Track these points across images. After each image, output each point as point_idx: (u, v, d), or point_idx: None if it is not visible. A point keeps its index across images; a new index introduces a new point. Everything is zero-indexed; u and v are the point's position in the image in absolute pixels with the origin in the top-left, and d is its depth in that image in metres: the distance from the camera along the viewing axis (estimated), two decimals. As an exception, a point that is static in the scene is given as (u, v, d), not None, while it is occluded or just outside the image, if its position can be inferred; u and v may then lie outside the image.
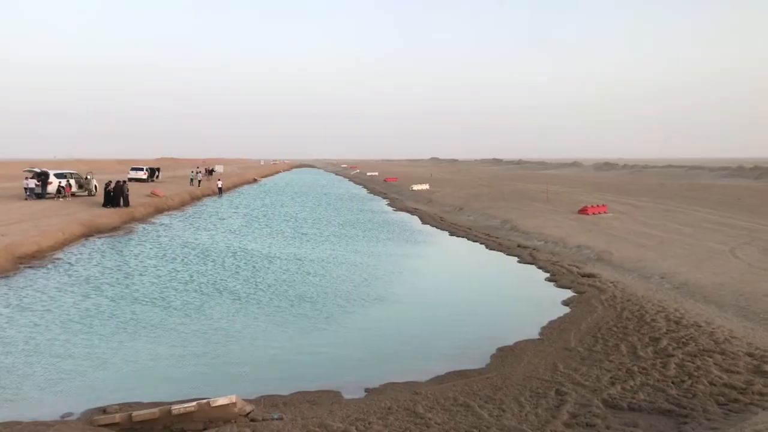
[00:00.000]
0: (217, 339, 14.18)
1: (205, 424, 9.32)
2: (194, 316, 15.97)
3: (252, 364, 12.68)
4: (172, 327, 15.05)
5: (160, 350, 13.34)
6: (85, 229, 30.16)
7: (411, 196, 61.42)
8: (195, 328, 14.94)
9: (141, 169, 69.13)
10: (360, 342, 14.25)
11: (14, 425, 9.24)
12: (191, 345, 13.72)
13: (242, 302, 17.60)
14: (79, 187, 45.42)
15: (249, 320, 15.77)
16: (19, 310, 16.07)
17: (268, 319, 15.93)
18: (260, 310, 16.71)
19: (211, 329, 14.90)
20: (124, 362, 12.59)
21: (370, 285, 19.97)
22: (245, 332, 14.76)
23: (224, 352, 13.34)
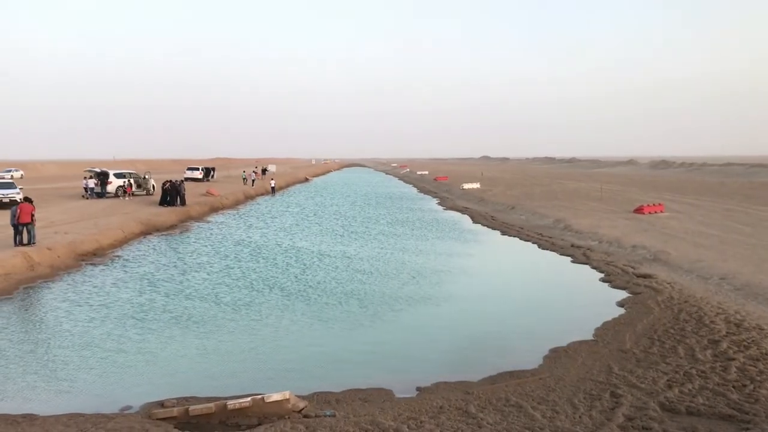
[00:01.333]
0: (269, 335, 14.43)
1: (259, 419, 9.48)
2: (247, 313, 16.29)
3: (304, 361, 12.83)
4: (225, 323, 15.39)
5: (213, 346, 13.64)
6: (143, 228, 31.11)
7: (462, 195, 61.12)
8: (247, 325, 15.23)
9: (197, 169, 70.95)
10: (411, 340, 14.26)
11: (77, 417, 9.58)
12: (244, 341, 13.99)
13: (293, 299, 17.84)
14: (137, 186, 46.82)
15: (299, 317, 15.98)
16: (78, 305, 16.71)
17: (317, 316, 16.11)
18: (310, 307, 16.91)
19: (263, 325, 15.17)
20: (179, 357, 12.92)
21: (419, 284, 19.97)
22: (296, 329, 14.97)
23: (276, 349, 13.55)
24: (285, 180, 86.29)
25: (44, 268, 20.76)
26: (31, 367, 12.12)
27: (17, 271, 19.76)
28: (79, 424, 9.19)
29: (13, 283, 18.68)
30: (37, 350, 13.11)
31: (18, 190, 33.75)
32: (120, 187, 45.06)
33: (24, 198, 24.99)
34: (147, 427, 9.10)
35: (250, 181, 69.44)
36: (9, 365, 12.16)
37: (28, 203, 22.88)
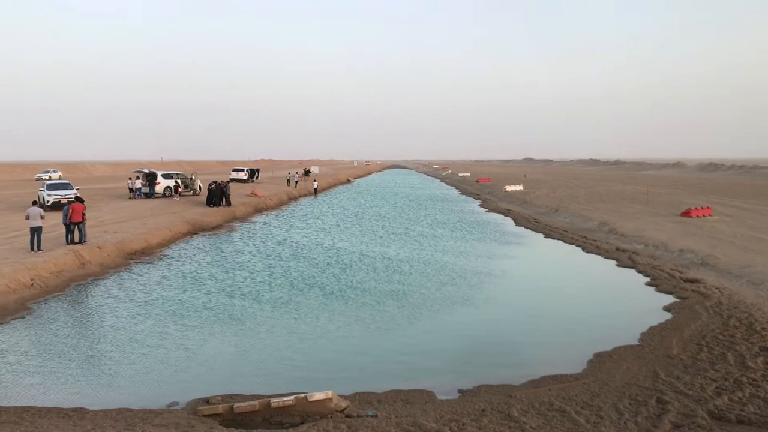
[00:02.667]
0: (310, 334, 14.58)
1: (302, 417, 9.60)
2: (287, 311, 16.51)
3: (345, 361, 12.94)
4: (266, 321, 15.64)
5: (255, 343, 13.87)
6: (190, 227, 31.77)
7: (504, 197, 60.64)
8: (288, 323, 15.44)
9: (242, 170, 72.15)
10: (451, 342, 14.22)
11: (125, 412, 9.85)
12: (285, 339, 14.18)
13: (332, 298, 18.00)
14: (184, 187, 47.82)
15: (338, 316, 16.10)
16: (125, 303, 17.18)
17: (356, 315, 16.22)
18: (349, 307, 17.03)
19: (304, 324, 15.35)
20: (223, 354, 13.17)
21: (459, 285, 19.90)
22: (336, 328, 15.10)
23: (317, 347, 13.70)
24: (327, 181, 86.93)
25: (94, 266, 21.38)
26: (81, 362, 12.50)
27: (69, 268, 20.39)
28: (128, 419, 9.44)
29: (65, 281, 19.28)
30: (87, 346, 13.51)
31: (75, 191, 34.64)
32: (168, 187, 46.14)
33: (75, 198, 25.74)
34: (193, 423, 9.30)
35: (293, 182, 70.18)
36: (61, 360, 12.58)
37: (79, 203, 23.59)
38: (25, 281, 18.04)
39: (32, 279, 18.31)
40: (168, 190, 46.20)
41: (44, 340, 13.80)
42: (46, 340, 13.85)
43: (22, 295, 17.16)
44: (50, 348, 13.29)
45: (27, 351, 13.04)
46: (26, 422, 9.12)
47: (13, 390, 10.96)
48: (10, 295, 16.96)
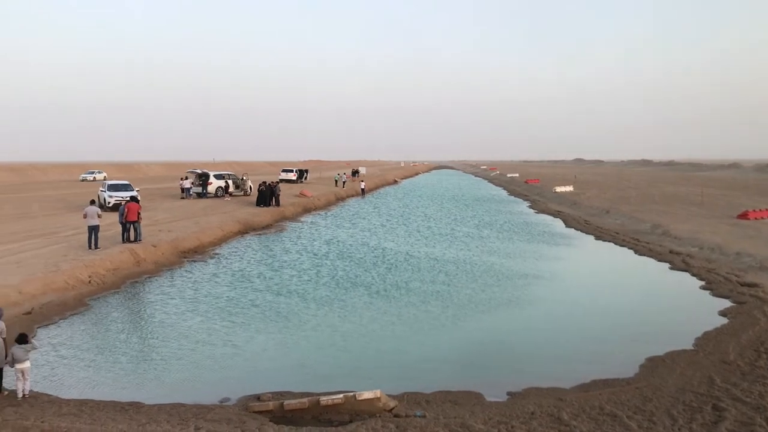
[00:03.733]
0: (356, 333, 14.70)
1: (351, 416, 9.67)
2: (334, 310, 16.67)
3: (392, 360, 13.00)
4: (314, 319, 15.85)
5: (304, 341, 14.06)
6: (241, 227, 32.37)
7: (554, 198, 59.80)
8: (335, 322, 15.59)
9: (291, 171, 73.24)
10: (499, 344, 14.13)
11: (179, 407, 10.09)
12: (332, 338, 14.33)
13: (379, 298, 18.10)
14: (235, 187, 48.70)
15: (385, 316, 16.18)
16: (177, 300, 17.63)
17: (402, 315, 16.26)
18: (395, 306, 17.08)
19: (350, 323, 15.48)
20: (272, 352, 13.39)
21: (507, 287, 19.72)
22: (382, 327, 15.18)
23: (364, 346, 13.80)
24: (374, 182, 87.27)
25: (149, 264, 21.98)
26: (136, 357, 12.88)
27: (124, 266, 21.01)
28: (181, 414, 9.67)
29: (121, 278, 19.87)
30: (141, 341, 13.92)
31: (136, 192, 35.25)
32: (219, 187, 47.08)
33: (131, 197, 26.47)
34: (244, 419, 9.48)
35: (341, 183, 70.71)
36: (116, 355, 12.98)
37: (134, 202, 24.27)
38: (83, 278, 18.67)
39: (90, 276, 18.93)
40: (219, 190, 47.13)
41: (101, 336, 14.26)
42: (103, 335, 14.32)
43: (81, 292, 17.75)
44: (106, 343, 13.72)
45: (84, 346, 13.50)
46: (85, 415, 9.42)
47: (73, 383, 11.34)
48: (69, 291, 17.57)
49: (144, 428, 8.79)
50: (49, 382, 11.30)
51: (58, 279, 17.94)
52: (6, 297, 15.59)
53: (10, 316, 14.43)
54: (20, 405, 9.72)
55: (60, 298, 16.79)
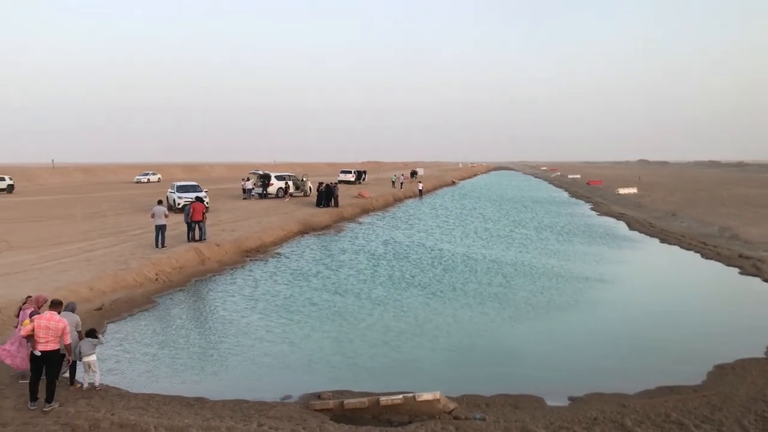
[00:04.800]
0: (413, 333, 14.71)
1: (410, 417, 9.69)
2: (392, 310, 16.73)
3: (450, 362, 12.96)
4: (369, 318, 16.00)
5: (360, 340, 14.17)
6: (301, 227, 32.88)
7: (617, 200, 58.39)
8: (392, 322, 15.65)
9: (349, 172, 73.93)
10: (560, 348, 13.91)
11: (242, 403, 10.33)
12: (389, 338, 14.38)
13: (435, 299, 18.08)
14: (296, 188, 49.47)
15: (441, 318, 16.12)
16: (241, 298, 18.02)
17: (459, 316, 16.19)
18: (451, 308, 17.01)
19: (407, 324, 15.50)
20: (330, 350, 13.52)
21: (568, 290, 19.37)
22: (440, 329, 15.13)
23: (421, 347, 13.79)
24: (432, 183, 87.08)
25: (213, 262, 22.55)
26: (200, 353, 13.25)
27: (190, 265, 21.62)
28: (244, 410, 9.90)
29: (186, 276, 20.46)
30: (205, 338, 14.32)
31: (204, 193, 36.02)
32: (280, 188, 47.91)
33: (196, 198, 27.21)
34: (305, 417, 9.63)
35: (399, 184, 70.84)
36: (181, 351, 13.39)
37: (199, 202, 24.95)
38: (151, 276, 19.31)
39: (157, 274, 19.56)
40: (280, 191, 47.96)
41: (166, 332, 14.73)
42: (168, 331, 14.78)
43: (148, 289, 18.37)
44: (171, 339, 14.17)
45: (151, 341, 13.97)
46: (152, 409, 9.73)
47: (140, 377, 11.75)
48: (137, 288, 18.21)
49: (209, 423, 9.02)
50: (118, 376, 11.73)
51: (127, 276, 18.62)
52: (78, 293, 16.27)
53: (81, 312, 14.95)
54: (92, 397, 10.10)
55: (128, 295, 17.42)
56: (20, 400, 9.66)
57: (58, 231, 27.61)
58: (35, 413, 9.19)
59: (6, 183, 58.09)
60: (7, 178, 58.94)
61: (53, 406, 9.40)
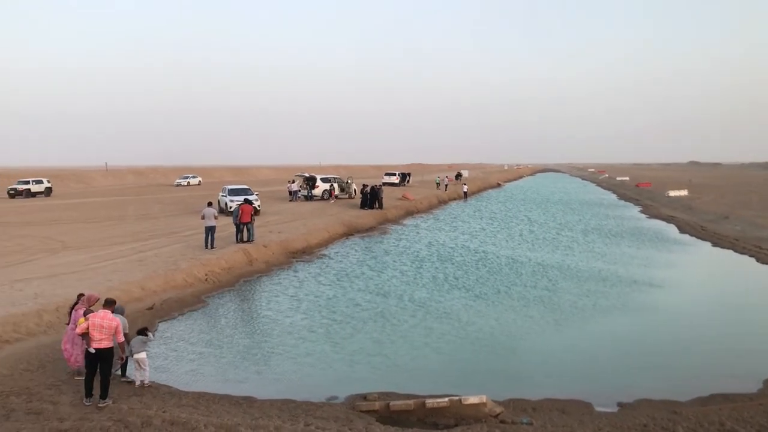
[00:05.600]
0: (457, 335, 14.69)
1: (456, 420, 9.68)
2: (435, 312, 16.71)
3: (495, 365, 12.90)
4: (413, 320, 16.03)
5: (404, 342, 14.21)
6: (346, 229, 33.13)
7: (667, 203, 57.07)
8: (435, 324, 15.64)
9: (393, 174, 74.13)
10: (608, 353, 13.70)
11: (289, 403, 10.47)
12: (434, 339, 14.38)
13: (479, 301, 18.01)
14: (341, 190, 49.84)
15: (485, 320, 16.04)
16: (288, 298, 18.27)
17: (504, 319, 16.08)
18: (496, 311, 16.91)
19: (450, 326, 15.46)
20: (373, 351, 13.59)
21: (616, 294, 19.03)
22: (484, 332, 15.05)
23: (466, 349, 13.78)
24: (477, 185, 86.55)
25: (260, 263, 22.93)
26: (248, 353, 13.47)
27: (238, 265, 22.02)
28: (291, 410, 10.03)
29: (235, 277, 20.85)
30: (253, 338, 14.56)
31: (255, 196, 36.48)
32: (325, 190, 48.36)
33: (244, 200, 27.69)
34: (351, 417, 9.71)
35: (443, 186, 70.67)
36: (229, 350, 13.65)
37: (248, 204, 25.40)
38: (200, 276, 19.73)
39: (206, 274, 19.98)
40: (325, 193, 48.39)
41: (215, 332, 15.04)
42: (217, 331, 15.08)
43: (198, 289, 18.78)
44: (220, 338, 14.45)
45: (200, 340, 14.29)
46: (202, 407, 9.95)
47: (190, 376, 12.03)
48: (188, 288, 18.64)
49: (257, 422, 9.15)
50: (169, 374, 12.03)
51: (178, 277, 19.07)
52: (130, 293, 16.78)
53: (133, 311, 15.54)
54: (144, 395, 10.40)
55: (179, 295, 17.84)
56: (76, 396, 9.98)
57: (111, 232, 28.46)
58: (90, 409, 9.49)
59: (44, 186, 58.88)
60: (45, 181, 60.11)
61: (107, 403, 9.69)
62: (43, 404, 9.61)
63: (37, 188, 58.02)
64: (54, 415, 9.17)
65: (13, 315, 13.89)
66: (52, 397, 9.95)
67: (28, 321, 13.80)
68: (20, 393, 10.09)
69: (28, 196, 56.14)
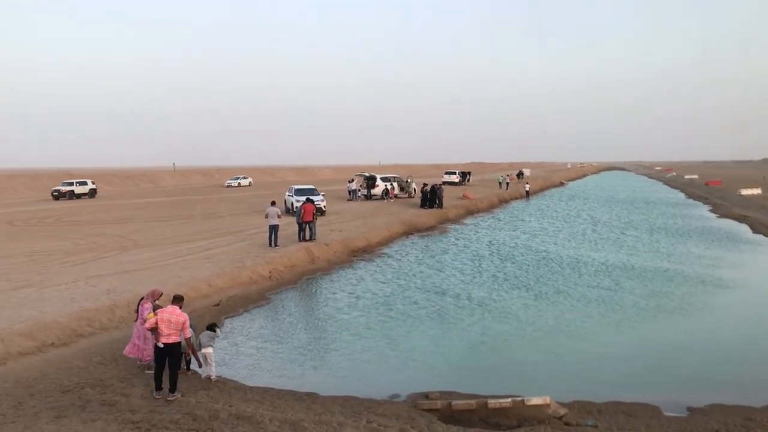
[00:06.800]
0: (519, 336, 14.60)
1: (519, 421, 9.59)
2: (495, 312, 16.63)
3: (559, 366, 12.74)
4: (470, 318, 16.06)
5: (464, 341, 14.20)
6: (406, 228, 33.24)
7: (739, 202, 54.88)
8: (497, 324, 15.57)
9: (453, 173, 73.90)
10: (677, 355, 13.33)
11: (351, 400, 10.59)
12: (494, 339, 14.34)
13: (540, 300, 17.86)
14: (400, 189, 50.01)
15: (546, 320, 15.87)
16: (348, 296, 18.52)
17: (565, 319, 15.87)
18: (557, 311, 16.70)
19: (513, 326, 15.38)
20: (432, 349, 13.65)
21: (683, 295, 18.50)
22: (544, 332, 14.92)
23: (528, 350, 13.67)
24: (539, 184, 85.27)
25: (322, 261, 23.31)
26: (310, 349, 13.76)
27: (301, 263, 22.44)
28: (353, 407, 10.13)
29: (298, 274, 21.27)
30: (315, 335, 14.87)
31: (321, 196, 37.01)
32: (385, 189, 48.62)
33: (306, 199, 28.16)
34: (413, 416, 9.72)
35: (504, 185, 69.95)
36: (292, 346, 13.97)
37: (310, 204, 25.82)
38: (264, 274, 20.21)
39: (270, 272, 20.44)
40: (385, 192, 48.65)
41: (278, 328, 15.40)
42: (280, 327, 15.45)
43: (262, 286, 19.25)
44: (283, 335, 14.81)
45: (264, 336, 14.66)
46: (267, 402, 10.18)
47: (255, 371, 12.34)
48: (252, 285, 19.13)
49: (320, 418, 9.31)
50: (235, 369, 12.38)
51: (243, 274, 19.59)
52: (198, 289, 17.35)
53: (200, 307, 16.10)
54: (211, 389, 10.73)
55: (244, 292, 18.34)
56: (146, 390, 10.40)
57: (180, 230, 29.44)
58: (159, 402, 9.87)
59: (88, 187, 58.85)
60: (89, 182, 60.09)
61: (176, 396, 10.06)
62: (115, 396, 10.05)
63: (81, 190, 57.94)
64: (126, 407, 9.59)
65: (87, 310, 14.57)
66: (124, 390, 10.39)
67: (101, 316, 14.46)
68: (95, 385, 10.60)
69: (72, 197, 55.93)
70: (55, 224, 34.02)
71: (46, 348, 12.61)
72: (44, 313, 14.15)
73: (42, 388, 10.45)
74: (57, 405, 9.60)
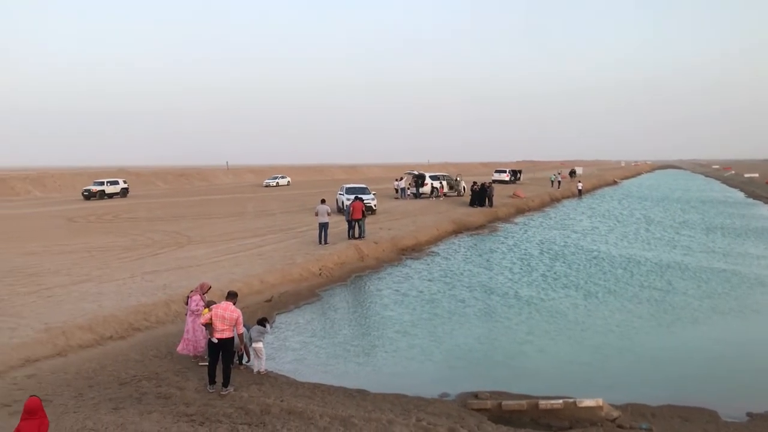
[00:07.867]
0: (567, 335, 14.49)
1: (570, 422, 9.53)
2: (545, 311, 16.52)
3: (612, 367, 12.58)
4: (519, 318, 16.00)
5: (513, 341, 14.15)
6: (455, 227, 33.18)
7: (802, 201, 52.90)
8: (545, 324, 15.48)
9: (504, 172, 73.24)
10: (735, 358, 13.02)
11: (401, 398, 10.68)
12: (544, 339, 14.25)
13: (588, 301, 17.66)
14: (449, 188, 49.86)
15: (597, 321, 15.68)
16: (399, 295, 18.62)
17: (617, 320, 15.64)
18: (607, 311, 16.48)
19: (561, 326, 15.26)
20: (487, 349, 13.67)
21: (743, 297, 18.03)
22: (597, 332, 14.75)
23: (578, 350, 13.55)
24: (591, 182, 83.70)
25: (371, 259, 23.51)
26: (359, 346, 13.94)
27: (350, 261, 22.69)
28: (403, 404, 10.21)
29: (347, 272, 21.52)
30: (364, 332, 15.04)
31: (372, 195, 37.25)
32: (434, 188, 48.54)
33: (355, 198, 28.40)
34: (463, 415, 9.74)
35: (556, 183, 68.97)
36: (341, 343, 14.16)
37: (359, 202, 26.03)
38: (314, 271, 20.51)
39: (320, 269, 20.73)
40: (434, 190, 48.57)
41: (328, 324, 15.65)
42: (330, 324, 15.69)
43: (312, 283, 19.55)
44: (333, 331, 15.03)
45: (314, 333, 14.91)
46: (317, 398, 10.36)
47: (305, 367, 12.56)
48: (303, 282, 19.44)
49: (370, 415, 9.40)
50: (286, 364, 12.64)
51: (294, 271, 19.93)
52: (251, 285, 17.74)
53: (253, 303, 16.45)
54: (263, 384, 10.97)
55: (295, 288, 18.66)
56: (200, 383, 10.69)
57: (232, 227, 30.06)
58: (213, 396, 10.13)
59: (120, 187, 58.27)
60: (121, 181, 59.56)
61: (229, 391, 10.30)
62: (171, 389, 10.34)
63: (112, 189, 57.18)
64: (181, 400, 9.87)
65: (143, 305, 15.08)
66: (179, 383, 10.69)
67: (158, 310, 14.94)
68: (150, 378, 10.94)
69: (102, 197, 54.96)
70: (114, 221, 35.16)
71: (105, 341, 13.10)
72: (103, 307, 14.71)
73: (101, 379, 10.84)
74: (115, 396, 9.92)
